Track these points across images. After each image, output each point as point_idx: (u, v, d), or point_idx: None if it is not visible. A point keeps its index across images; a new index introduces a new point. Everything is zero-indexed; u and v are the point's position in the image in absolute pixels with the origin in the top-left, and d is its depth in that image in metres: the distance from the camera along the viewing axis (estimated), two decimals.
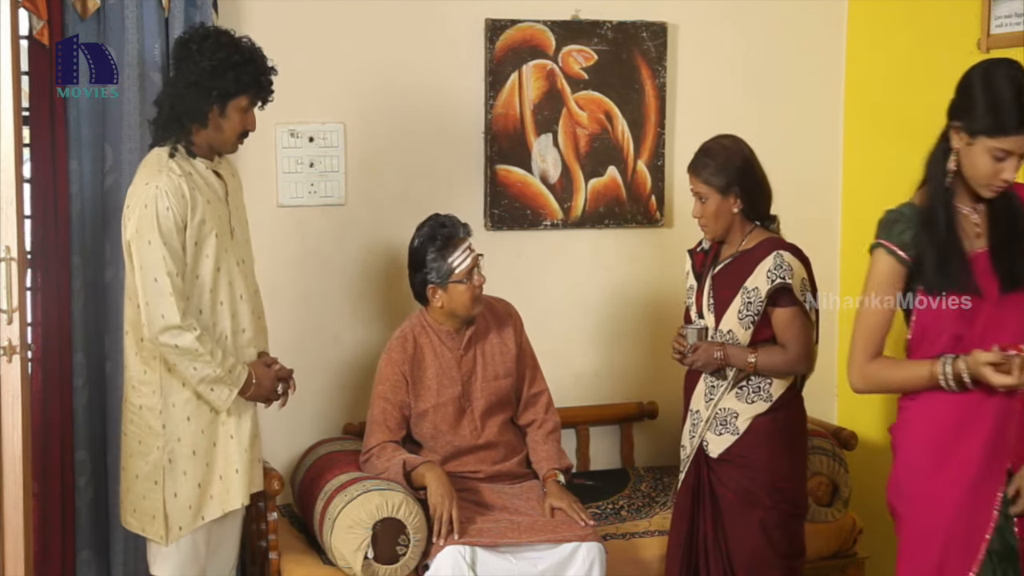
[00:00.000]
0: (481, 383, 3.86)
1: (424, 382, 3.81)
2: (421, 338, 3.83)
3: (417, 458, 3.70)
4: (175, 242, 3.28)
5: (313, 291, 4.22)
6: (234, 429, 3.44)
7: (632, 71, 4.48)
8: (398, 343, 3.82)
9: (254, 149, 3.96)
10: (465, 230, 3.79)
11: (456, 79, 4.30)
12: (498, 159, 4.37)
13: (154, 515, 3.41)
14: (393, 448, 3.74)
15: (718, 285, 3.57)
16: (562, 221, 4.47)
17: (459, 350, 3.84)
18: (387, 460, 3.71)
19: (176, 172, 3.31)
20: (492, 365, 3.88)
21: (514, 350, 3.91)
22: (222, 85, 3.31)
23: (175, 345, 3.29)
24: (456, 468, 3.82)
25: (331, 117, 4.17)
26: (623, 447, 4.62)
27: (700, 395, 3.61)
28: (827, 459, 4.07)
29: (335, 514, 3.57)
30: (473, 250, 3.77)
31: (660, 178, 4.57)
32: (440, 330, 3.83)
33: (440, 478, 3.63)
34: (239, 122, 3.38)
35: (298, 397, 4.00)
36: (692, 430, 3.63)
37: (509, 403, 3.93)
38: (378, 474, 3.69)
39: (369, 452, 3.76)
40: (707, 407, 3.57)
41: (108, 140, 3.81)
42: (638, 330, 4.59)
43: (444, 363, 3.82)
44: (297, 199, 4.18)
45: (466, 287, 3.75)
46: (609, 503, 4.18)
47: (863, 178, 4.72)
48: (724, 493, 3.53)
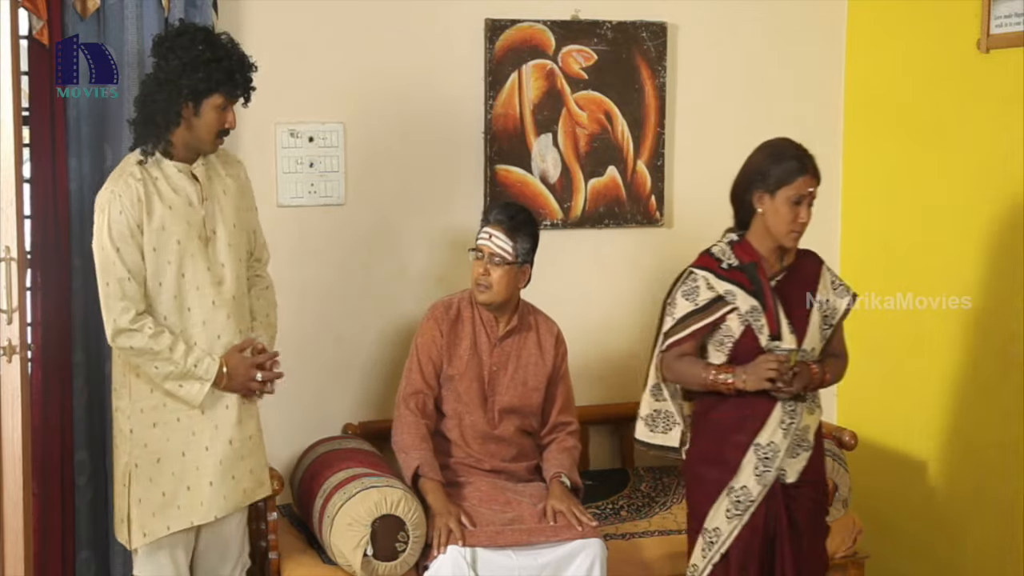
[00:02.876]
0: (509, 381, 3.87)
1: (457, 350, 3.85)
2: (464, 310, 3.89)
3: (432, 469, 3.69)
4: (129, 246, 3.27)
5: (313, 291, 4.20)
6: (209, 441, 3.38)
7: (632, 71, 4.48)
8: (442, 305, 3.90)
9: (254, 149, 3.98)
10: (499, 218, 3.79)
11: (456, 79, 4.29)
12: (498, 159, 4.36)
13: (122, 519, 3.40)
14: (424, 435, 3.74)
15: (786, 303, 3.39)
16: (562, 221, 4.48)
17: (495, 337, 3.87)
18: (412, 442, 3.71)
19: (136, 177, 3.29)
20: (523, 370, 3.90)
21: (549, 369, 3.93)
22: (192, 83, 3.26)
23: (130, 347, 3.28)
24: (464, 452, 3.83)
25: (331, 117, 4.16)
26: (623, 447, 4.60)
27: (774, 424, 3.36)
28: (827, 459, 3.90)
29: (334, 512, 3.56)
30: (492, 242, 3.77)
31: (660, 178, 4.56)
32: (482, 311, 3.87)
33: (441, 498, 3.63)
34: (215, 120, 3.32)
35: (298, 397, 4.12)
36: (763, 465, 3.37)
37: (532, 415, 3.93)
38: (399, 446, 3.74)
39: (409, 403, 3.78)
40: (786, 434, 3.37)
41: (108, 140, 3.79)
42: (638, 330, 4.53)
43: (479, 342, 3.86)
44: (297, 199, 4.17)
45: (475, 264, 3.83)
46: (609, 503, 4.17)
47: (863, 178, 4.71)
48: (801, 518, 3.41)
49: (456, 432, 3.85)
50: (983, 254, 4.19)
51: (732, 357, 3.39)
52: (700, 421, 3.49)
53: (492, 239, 3.77)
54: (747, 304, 3.37)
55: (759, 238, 3.41)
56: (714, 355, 3.44)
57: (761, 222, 3.39)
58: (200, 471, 3.37)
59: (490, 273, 3.78)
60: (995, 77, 4.09)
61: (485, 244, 3.78)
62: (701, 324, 3.40)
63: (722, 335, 3.40)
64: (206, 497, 3.37)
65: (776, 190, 3.34)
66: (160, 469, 3.35)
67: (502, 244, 3.77)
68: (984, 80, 4.14)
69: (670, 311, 3.47)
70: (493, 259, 3.77)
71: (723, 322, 3.39)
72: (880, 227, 4.62)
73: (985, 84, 4.14)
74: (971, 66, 4.16)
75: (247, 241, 3.54)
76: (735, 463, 3.38)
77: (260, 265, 3.64)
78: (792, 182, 3.33)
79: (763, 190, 3.36)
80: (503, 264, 3.76)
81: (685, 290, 3.44)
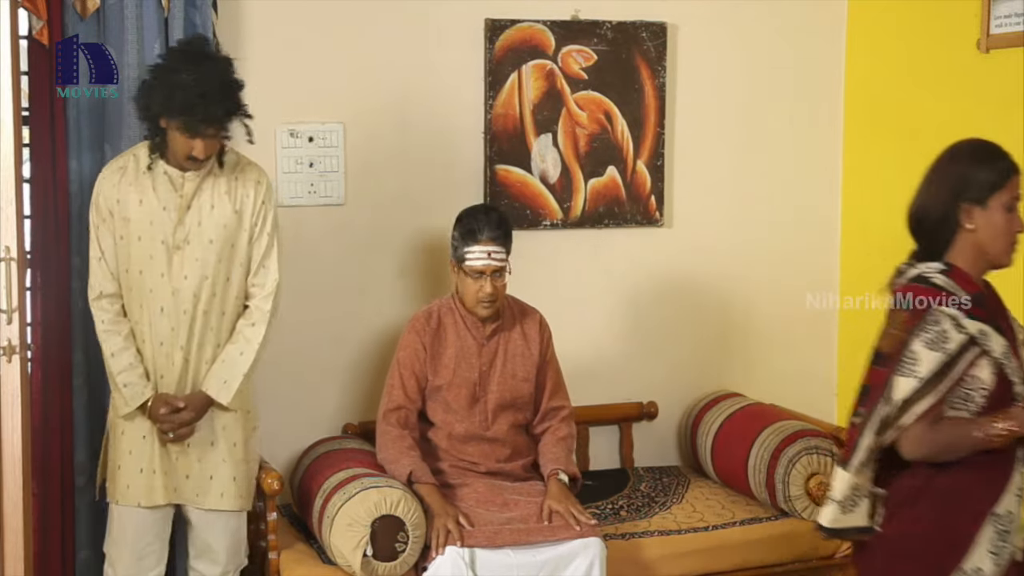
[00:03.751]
0: (499, 377, 3.84)
1: (442, 359, 3.81)
2: (446, 317, 3.85)
3: (424, 473, 3.68)
4: (104, 228, 3.42)
5: (312, 291, 4.18)
6: (148, 430, 3.48)
7: (632, 71, 4.47)
8: (423, 315, 3.85)
9: (254, 149, 3.85)
10: (492, 234, 3.71)
11: (456, 79, 4.28)
12: (498, 159, 4.35)
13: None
14: (409, 445, 3.72)
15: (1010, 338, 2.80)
16: (561, 221, 4.46)
17: (482, 338, 3.84)
18: (399, 453, 3.70)
19: (119, 163, 3.44)
20: (512, 363, 3.87)
21: (536, 358, 3.90)
22: (158, 99, 3.30)
23: (96, 322, 3.47)
24: (459, 455, 3.82)
25: (331, 117, 4.15)
26: (623, 447, 4.60)
27: (1013, 490, 2.75)
28: (827, 459, 4.02)
29: (334, 512, 3.56)
30: (492, 259, 3.71)
31: (660, 178, 4.55)
32: (466, 315, 3.83)
33: (439, 500, 3.61)
34: (181, 143, 3.31)
35: (297, 397, 4.14)
36: (1001, 540, 2.73)
37: (524, 407, 3.90)
38: (386, 459, 3.71)
39: (390, 419, 3.76)
40: (1019, 501, 2.77)
41: (108, 140, 3.77)
42: (637, 330, 4.57)
43: (465, 346, 3.83)
44: (297, 199, 4.16)
45: (472, 284, 3.75)
46: (609, 503, 4.16)
47: (863, 178, 4.69)
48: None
49: (446, 440, 3.84)
50: None
51: (982, 413, 2.75)
52: (914, 493, 2.79)
53: (491, 256, 3.72)
54: (1000, 346, 2.73)
55: (970, 262, 2.80)
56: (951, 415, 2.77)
57: (970, 242, 2.78)
58: (140, 457, 3.48)
59: (494, 287, 3.75)
60: (995, 77, 4.08)
61: (486, 264, 3.72)
62: (953, 378, 2.72)
63: (968, 388, 2.74)
64: (142, 485, 3.48)
65: (987, 198, 2.75)
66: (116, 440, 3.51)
67: (500, 256, 3.74)
68: (984, 80, 4.13)
69: (908, 369, 2.72)
70: (495, 274, 3.75)
71: (970, 371, 2.73)
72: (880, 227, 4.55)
73: (985, 84, 4.12)
74: (971, 66, 4.15)
75: (228, 260, 3.47)
76: (967, 539, 2.72)
77: (258, 291, 3.54)
78: (1005, 184, 2.77)
79: (971, 202, 2.76)
80: (503, 273, 3.76)
81: (929, 337, 2.70)
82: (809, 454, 4.01)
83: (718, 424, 4.38)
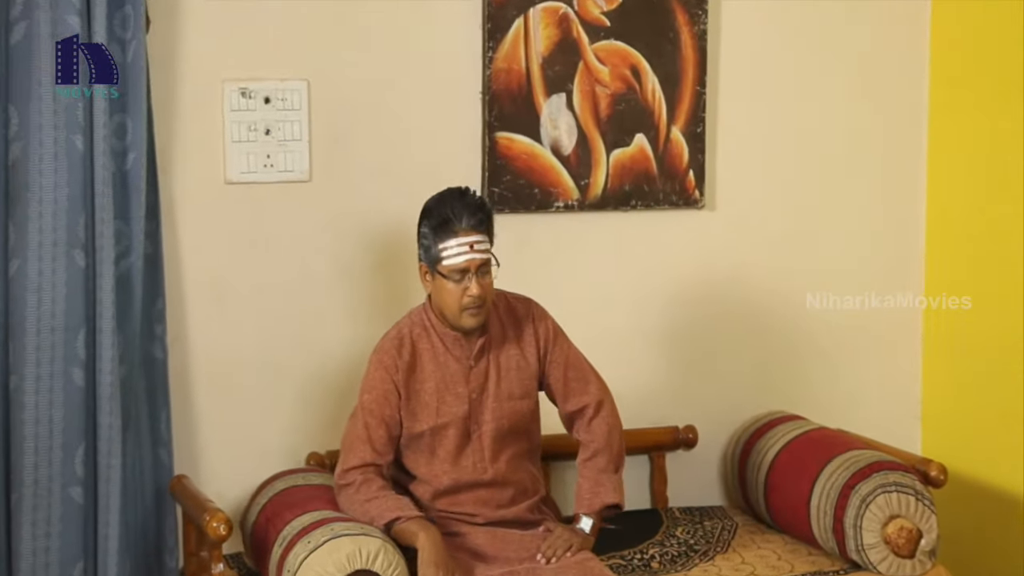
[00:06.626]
0: (492, 403, 3.58)
1: (421, 397, 3.52)
2: (420, 341, 3.54)
3: (407, 507, 3.42)
4: None
5: (270, 287, 3.92)
6: None
7: (665, 16, 4.15)
8: (392, 344, 3.54)
9: (195, 112, 3.75)
10: (472, 221, 3.41)
11: (447, 26, 4.01)
12: (499, 125, 4.04)
13: None
14: (380, 486, 3.45)
15: None
16: (578, 202, 4.15)
17: (468, 360, 3.54)
18: (370, 499, 3.44)
19: None
20: (506, 381, 3.60)
21: (535, 366, 3.62)
22: None
23: None
24: (449, 507, 3.55)
25: (292, 73, 3.87)
26: (654, 482, 4.31)
27: None
28: (910, 499, 3.73)
29: (295, 565, 3.27)
30: (475, 252, 3.40)
31: (700, 149, 4.23)
32: (445, 333, 3.53)
33: (435, 542, 3.33)
34: None
35: (251, 420, 3.94)
36: None
37: (526, 430, 3.66)
38: (355, 515, 3.43)
39: (348, 478, 3.49)
40: None
41: (12, 100, 3.50)
42: (672, 338, 4.31)
43: (448, 375, 3.54)
44: (250, 174, 3.87)
45: (454, 288, 3.42)
46: (637, 552, 3.88)
47: (950, 153, 4.39)
48: None
49: (430, 495, 3.57)
50: None
51: None
52: None
53: (474, 248, 3.42)
54: None
55: None
56: None
57: None
58: None
59: (481, 287, 3.43)
60: None
61: (469, 259, 3.41)
62: None
63: None
64: None
65: None
66: None
67: (483, 246, 3.44)
68: None
69: None
70: (480, 270, 3.44)
71: None
72: (971, 211, 4.31)
73: None
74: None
75: None
76: None
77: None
78: None
79: None
80: (489, 266, 3.48)
81: None
82: (887, 492, 3.73)
83: (773, 454, 4.14)
